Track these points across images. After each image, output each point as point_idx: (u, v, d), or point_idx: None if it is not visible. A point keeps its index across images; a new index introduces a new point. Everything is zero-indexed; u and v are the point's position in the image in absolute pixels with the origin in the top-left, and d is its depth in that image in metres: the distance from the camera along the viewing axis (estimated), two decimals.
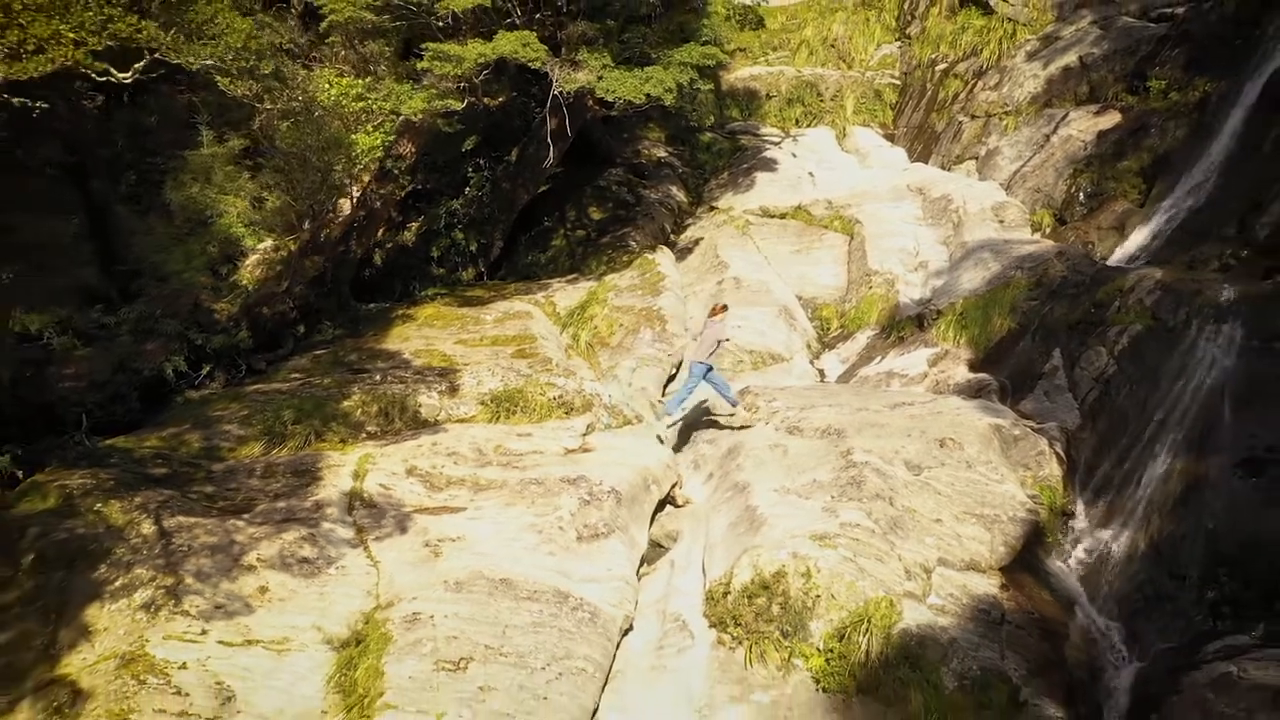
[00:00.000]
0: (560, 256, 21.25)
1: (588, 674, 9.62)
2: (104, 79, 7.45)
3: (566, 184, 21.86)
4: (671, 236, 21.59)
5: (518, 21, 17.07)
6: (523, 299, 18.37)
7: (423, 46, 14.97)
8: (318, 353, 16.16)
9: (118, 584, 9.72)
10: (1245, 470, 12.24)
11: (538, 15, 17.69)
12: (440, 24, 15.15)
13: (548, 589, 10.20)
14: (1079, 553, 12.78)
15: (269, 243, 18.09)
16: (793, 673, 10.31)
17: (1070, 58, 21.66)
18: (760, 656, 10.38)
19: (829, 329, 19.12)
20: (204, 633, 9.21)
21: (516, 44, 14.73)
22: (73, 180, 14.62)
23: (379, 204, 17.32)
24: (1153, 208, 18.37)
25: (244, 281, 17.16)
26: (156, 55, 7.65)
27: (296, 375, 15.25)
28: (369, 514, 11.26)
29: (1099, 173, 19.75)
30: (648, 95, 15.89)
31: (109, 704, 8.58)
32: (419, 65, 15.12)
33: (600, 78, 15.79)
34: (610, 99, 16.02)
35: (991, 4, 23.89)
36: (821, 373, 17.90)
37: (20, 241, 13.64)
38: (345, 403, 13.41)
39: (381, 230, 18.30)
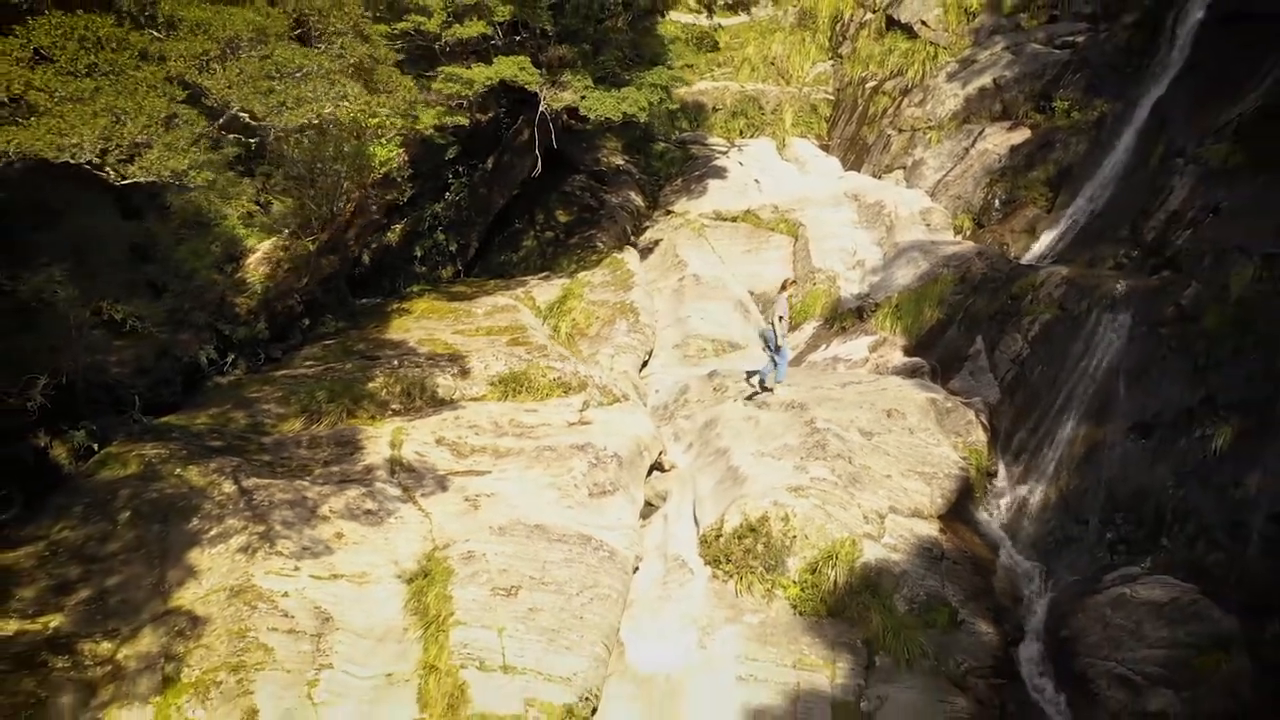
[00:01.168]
0: (531, 256, 23.16)
1: (612, 599, 11.66)
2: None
3: (535, 189, 23.71)
4: (632, 238, 23.62)
5: (499, 44, 18.95)
6: (505, 294, 20.25)
7: (437, 69, 16.78)
8: (326, 343, 17.86)
9: (213, 532, 11.47)
10: (1137, 433, 14.74)
11: (517, 38, 19.60)
12: (444, 49, 16.97)
13: (573, 533, 12.22)
14: (1002, 504, 15.21)
15: (267, 244, 19.63)
16: (774, 600, 12.48)
17: (985, 79, 24.24)
18: (748, 587, 12.54)
19: None
20: (297, 569, 11.04)
21: (515, 68, 16.66)
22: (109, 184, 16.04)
23: (375, 208, 19.05)
24: (1058, 214, 20.93)
25: (250, 279, 18.70)
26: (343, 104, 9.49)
27: (310, 362, 16.93)
28: (410, 476, 13.13)
29: (1012, 182, 22.30)
30: (624, 113, 17.97)
31: (228, 625, 10.37)
32: (433, 85, 16.90)
33: (583, 97, 17.81)
34: (593, 116, 18.04)
35: (915, 29, 26.42)
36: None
37: (65, 240, 15.09)
38: (371, 384, 15.19)
39: (370, 232, 20.01)
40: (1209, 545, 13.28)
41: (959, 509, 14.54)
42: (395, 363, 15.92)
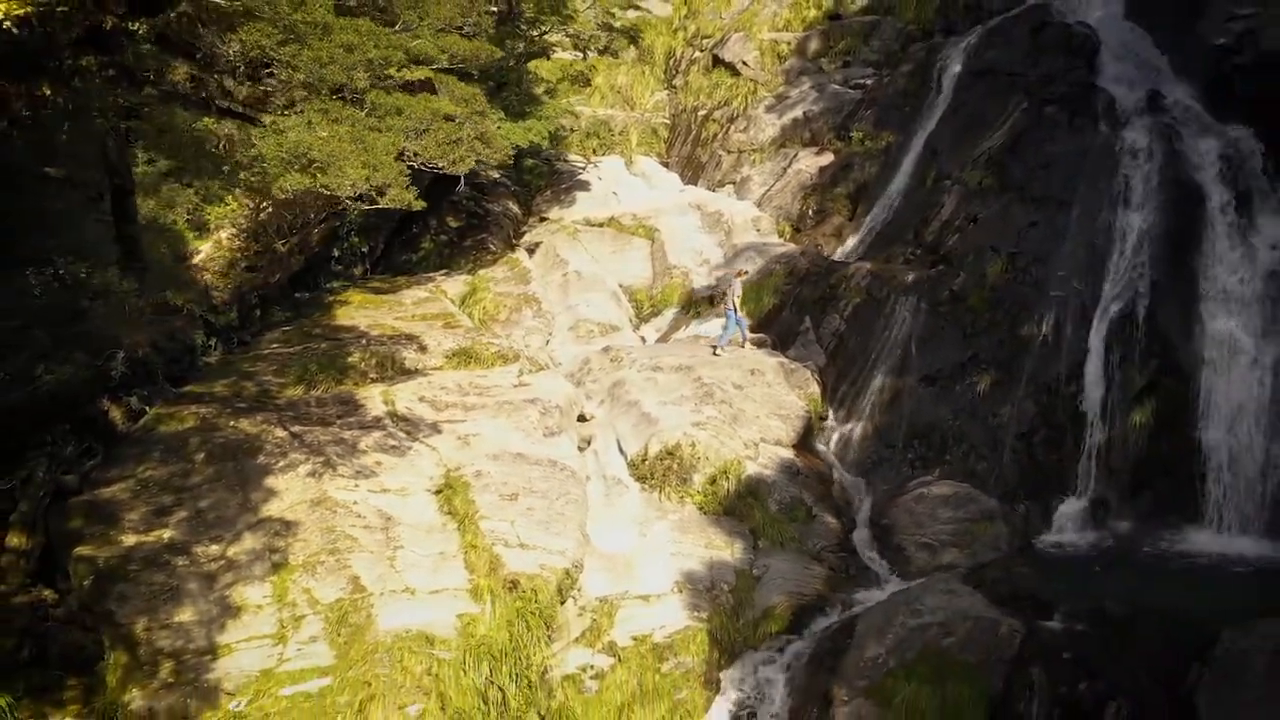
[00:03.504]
0: (430, 256, 26.96)
1: (579, 503, 16.05)
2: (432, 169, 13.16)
3: (427, 198, 27.44)
4: (514, 241, 27.78)
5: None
6: (420, 288, 24.07)
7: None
8: (284, 329, 21.23)
9: (281, 464, 15.11)
10: (925, 383, 20.31)
11: None
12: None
13: (544, 459, 16.53)
14: (834, 438, 20.47)
15: (208, 245, 22.73)
16: (686, 505, 17.18)
17: (797, 112, 29.75)
18: (668, 496, 17.21)
19: (643, 309, 26.06)
20: (357, 486, 14.88)
21: (450, 103, 20.62)
22: (113, 196, 18.86)
23: (313, 215, 22.52)
24: (859, 221, 26.55)
25: (208, 275, 21.81)
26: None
27: (278, 345, 20.32)
28: (408, 424, 17.05)
29: (821, 196, 27.80)
30: (531, 141, 22.24)
31: (316, 524, 14.14)
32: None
33: (499, 127, 21.93)
34: (508, 143, 22.19)
35: (737, 67, 31.72)
36: (643, 339, 24.83)
37: (78, 245, 18.04)
38: (350, 358, 18.86)
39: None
40: (977, 457, 18.99)
41: (805, 441, 19.67)
42: (364, 342, 19.62)
